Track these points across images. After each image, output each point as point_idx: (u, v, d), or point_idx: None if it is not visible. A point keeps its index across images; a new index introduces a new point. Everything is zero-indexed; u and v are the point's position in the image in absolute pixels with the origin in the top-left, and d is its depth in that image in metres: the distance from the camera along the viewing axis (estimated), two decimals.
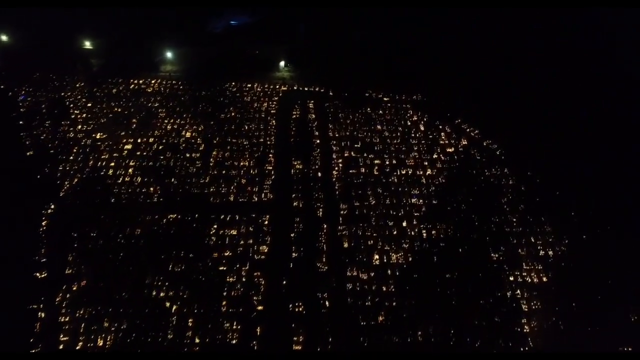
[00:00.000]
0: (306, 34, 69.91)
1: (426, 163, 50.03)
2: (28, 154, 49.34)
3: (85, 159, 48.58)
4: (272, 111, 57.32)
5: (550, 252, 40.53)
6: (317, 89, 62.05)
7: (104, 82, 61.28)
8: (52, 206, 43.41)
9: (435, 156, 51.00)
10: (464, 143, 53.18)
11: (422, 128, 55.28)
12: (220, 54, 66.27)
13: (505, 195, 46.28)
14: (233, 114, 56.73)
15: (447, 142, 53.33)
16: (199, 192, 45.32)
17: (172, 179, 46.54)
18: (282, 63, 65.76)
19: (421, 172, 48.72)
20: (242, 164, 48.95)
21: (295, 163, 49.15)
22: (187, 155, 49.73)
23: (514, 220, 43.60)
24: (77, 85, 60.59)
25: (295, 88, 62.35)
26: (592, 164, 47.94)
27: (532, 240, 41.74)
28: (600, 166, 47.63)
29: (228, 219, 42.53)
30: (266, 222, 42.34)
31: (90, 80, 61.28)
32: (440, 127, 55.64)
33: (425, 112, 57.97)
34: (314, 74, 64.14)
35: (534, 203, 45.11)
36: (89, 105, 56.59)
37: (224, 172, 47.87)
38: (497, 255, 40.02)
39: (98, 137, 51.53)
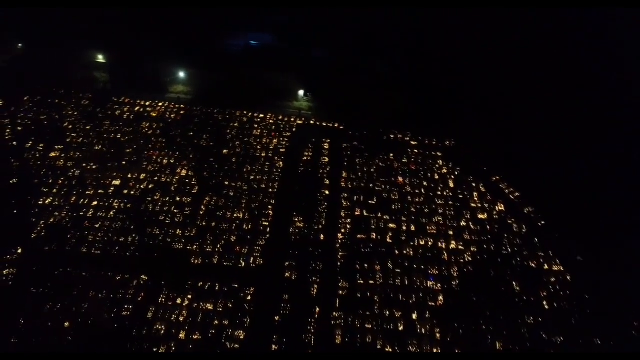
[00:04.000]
0: (327, 61, 62.89)
1: (451, 232, 41.96)
2: (11, 182, 45.04)
3: (69, 193, 43.80)
4: (281, 150, 50.81)
5: None
6: (335, 125, 55.02)
7: (109, 100, 57.00)
8: (19, 251, 38.49)
9: (463, 223, 42.81)
10: (500, 208, 44.61)
11: (452, 185, 47.07)
12: (235, 77, 60.44)
13: (546, 287, 37.42)
14: (238, 149, 50.68)
15: (479, 205, 44.93)
16: (180, 249, 39.32)
17: (155, 229, 40.82)
18: (301, 92, 59.18)
19: (444, 245, 40.72)
20: (235, 215, 42.67)
21: (296, 220, 42.32)
22: (178, 198, 43.99)
23: (555, 327, 34.68)
24: (83, 103, 56.55)
25: (312, 122, 55.58)
26: None
27: None
28: None
29: (207, 287, 36.24)
30: (249, 298, 35.69)
31: (96, 97, 57.20)
32: (474, 184, 47.32)
33: (457, 164, 49.67)
34: (335, 107, 57.16)
35: (584, 305, 35.99)
36: (88, 128, 52.17)
37: (213, 224, 41.72)
38: None
39: (88, 167, 46.72)
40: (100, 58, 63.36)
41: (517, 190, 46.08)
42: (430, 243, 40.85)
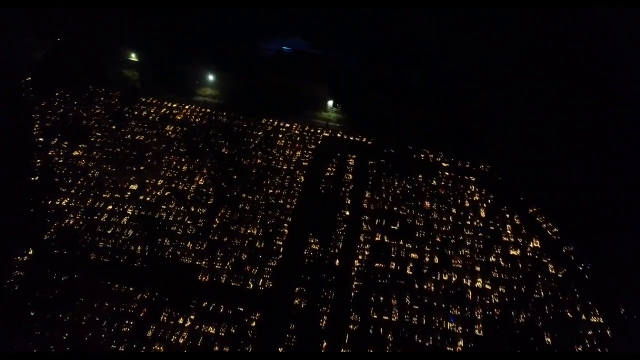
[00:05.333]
0: (360, 71, 60.23)
1: (478, 268, 38.51)
2: (33, 179, 44.99)
3: (86, 195, 43.20)
4: (304, 163, 48.61)
5: None
6: (363, 140, 52.37)
7: (137, 100, 56.60)
8: (30, 252, 38.00)
9: (492, 259, 39.24)
10: (535, 245, 40.72)
11: (483, 214, 43.48)
12: (265, 83, 58.72)
13: (582, 340, 33.46)
14: (259, 160, 48.87)
15: (512, 239, 41.18)
16: (189, 263, 37.76)
17: (166, 239, 39.48)
18: (330, 102, 56.83)
19: (469, 282, 37.33)
20: (249, 231, 40.79)
21: (312, 241, 39.99)
22: (192, 209, 42.57)
23: None
24: (111, 102, 56.40)
25: (339, 135, 53.14)
26: None
27: None
28: None
29: (211, 308, 34.47)
30: (253, 324, 33.63)
31: (124, 96, 56.97)
32: (508, 215, 43.49)
33: (491, 191, 45.95)
34: (365, 120, 54.47)
35: None
36: (113, 127, 51.74)
37: (225, 239, 40.00)
38: None
39: (108, 169, 46.11)
40: (133, 57, 63.12)
41: (556, 225, 41.90)
42: (454, 279, 37.65)
